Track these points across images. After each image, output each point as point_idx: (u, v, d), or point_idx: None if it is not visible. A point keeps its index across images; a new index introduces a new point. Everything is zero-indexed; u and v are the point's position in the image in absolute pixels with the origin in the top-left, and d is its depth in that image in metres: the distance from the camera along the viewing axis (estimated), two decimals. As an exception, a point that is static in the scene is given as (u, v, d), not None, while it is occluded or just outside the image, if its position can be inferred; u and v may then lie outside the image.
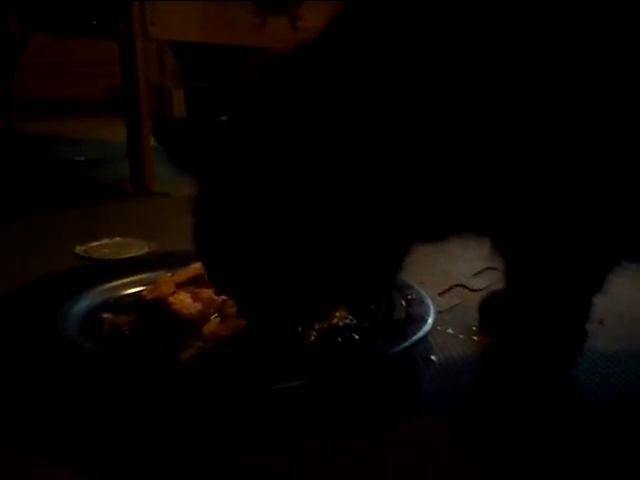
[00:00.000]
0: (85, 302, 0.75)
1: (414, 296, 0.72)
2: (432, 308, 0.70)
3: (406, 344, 0.62)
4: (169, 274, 0.77)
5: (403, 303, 0.71)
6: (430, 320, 0.67)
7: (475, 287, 0.86)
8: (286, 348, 0.62)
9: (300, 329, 0.65)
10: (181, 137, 0.59)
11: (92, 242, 1.07)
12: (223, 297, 0.73)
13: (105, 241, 1.09)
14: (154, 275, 0.81)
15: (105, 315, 0.73)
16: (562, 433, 0.57)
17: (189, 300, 0.70)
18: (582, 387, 0.63)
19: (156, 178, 1.52)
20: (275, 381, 0.57)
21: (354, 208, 0.57)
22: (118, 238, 1.10)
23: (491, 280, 0.84)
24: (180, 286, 0.71)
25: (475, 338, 0.73)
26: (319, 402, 0.58)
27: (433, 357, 0.68)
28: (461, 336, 0.73)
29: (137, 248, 1.04)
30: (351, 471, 0.51)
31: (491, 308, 0.75)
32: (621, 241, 0.60)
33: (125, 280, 0.81)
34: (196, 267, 0.73)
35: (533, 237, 0.60)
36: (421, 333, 0.64)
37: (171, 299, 0.69)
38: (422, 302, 0.71)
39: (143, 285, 0.79)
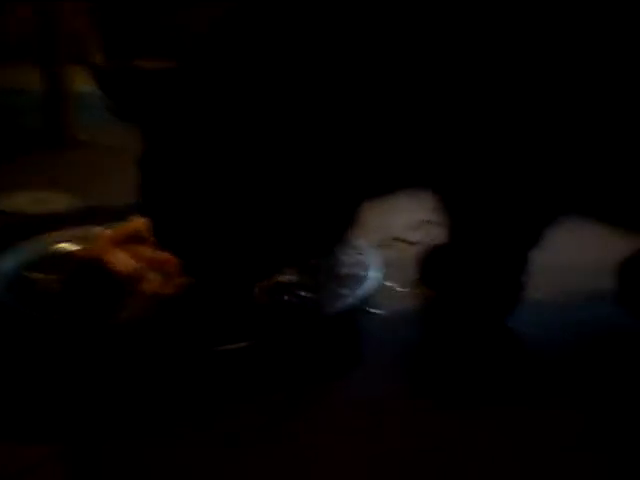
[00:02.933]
0: (9, 261, 0.71)
1: (359, 251, 0.72)
2: (378, 264, 0.70)
3: (353, 300, 0.61)
4: (101, 229, 0.73)
5: (348, 259, 0.70)
6: (376, 275, 0.67)
7: (413, 240, 0.87)
8: (232, 307, 0.61)
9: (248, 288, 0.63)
10: (126, 86, 0.56)
11: (7, 195, 1.01)
12: (164, 255, 0.70)
13: (21, 194, 1.02)
14: (81, 231, 0.77)
15: (34, 274, 0.69)
16: (502, 382, 0.59)
17: (127, 258, 0.67)
18: (520, 336, 0.65)
19: (75, 127, 1.44)
20: (221, 342, 0.56)
21: (304, 159, 0.55)
22: (36, 191, 1.03)
23: (427, 233, 0.85)
24: (118, 244, 0.67)
25: (416, 291, 0.74)
26: (264, 362, 0.57)
27: (377, 311, 0.68)
28: (402, 289, 0.74)
29: (57, 202, 0.98)
30: (293, 436, 0.51)
31: (431, 261, 0.76)
32: (558, 198, 0.62)
33: (50, 236, 0.77)
34: (134, 224, 0.69)
35: (476, 193, 0.60)
36: (367, 288, 0.64)
37: (108, 257, 0.66)
38: (367, 257, 0.71)
39: (70, 242, 0.75)
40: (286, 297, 0.64)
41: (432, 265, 0.76)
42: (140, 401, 0.53)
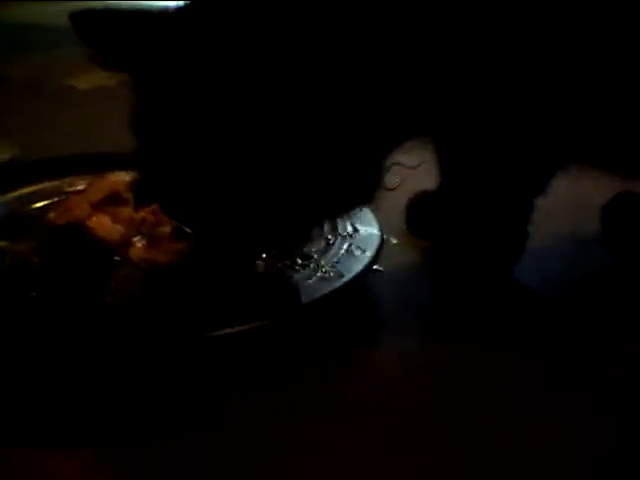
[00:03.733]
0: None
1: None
2: (370, 217, 0.67)
3: (369, 261, 0.58)
4: (68, 186, 0.66)
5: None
6: (378, 232, 0.64)
7: (390, 186, 0.83)
8: (240, 277, 0.56)
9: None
10: (110, 30, 0.48)
11: None
12: (142, 215, 0.64)
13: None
14: (41, 188, 0.69)
15: (0, 243, 0.61)
16: (514, 333, 0.58)
17: (109, 223, 0.60)
18: (526, 286, 0.65)
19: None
20: (232, 322, 0.50)
21: (322, 109, 0.50)
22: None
23: (403, 178, 0.82)
24: (96, 206, 0.61)
25: (409, 242, 0.71)
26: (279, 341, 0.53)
27: (379, 267, 0.65)
28: (394, 240, 0.71)
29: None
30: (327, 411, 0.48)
31: (421, 209, 0.73)
32: (569, 146, 0.60)
33: (10, 195, 0.69)
34: (110, 182, 0.63)
35: (482, 139, 0.58)
36: (374, 249, 0.60)
37: (89, 223, 0.59)
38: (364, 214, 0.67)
39: (32, 202, 0.68)
40: (297, 262, 0.59)
41: (422, 213, 0.73)
42: (146, 393, 0.49)
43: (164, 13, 0.50)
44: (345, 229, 0.63)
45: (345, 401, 0.49)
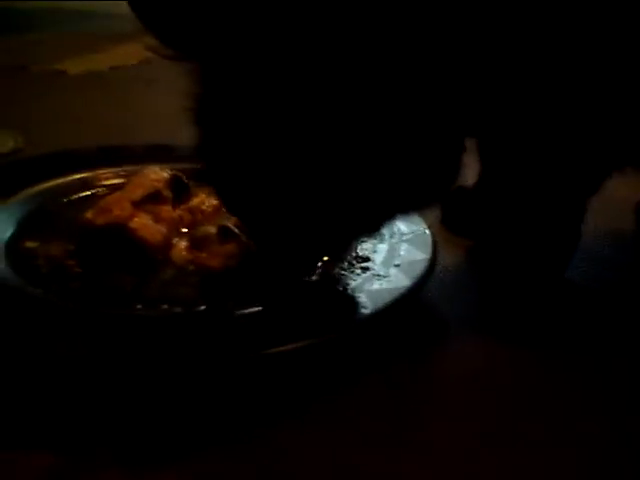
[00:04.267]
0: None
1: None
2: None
3: (428, 264, 0.55)
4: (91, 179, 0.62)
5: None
6: (426, 230, 0.61)
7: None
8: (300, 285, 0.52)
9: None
10: (179, 13, 0.44)
11: None
12: (179, 213, 0.61)
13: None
14: (68, 181, 0.65)
15: (30, 244, 0.57)
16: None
17: (152, 223, 0.56)
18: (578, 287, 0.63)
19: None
20: (298, 334, 0.47)
21: (396, 102, 0.47)
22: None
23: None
24: (137, 205, 0.57)
25: (447, 239, 0.68)
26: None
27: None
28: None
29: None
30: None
31: (457, 205, 0.71)
32: (628, 148, 0.59)
33: (25, 191, 0.64)
34: (150, 179, 0.59)
35: (537, 139, 0.56)
36: (430, 250, 0.58)
37: (132, 224, 0.55)
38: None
39: (60, 196, 0.63)
40: (355, 266, 0.56)
41: (460, 210, 0.71)
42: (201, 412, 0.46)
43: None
44: (394, 228, 0.61)
45: (409, 407, 0.47)
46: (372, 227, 0.53)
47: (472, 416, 0.47)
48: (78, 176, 0.66)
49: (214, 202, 0.61)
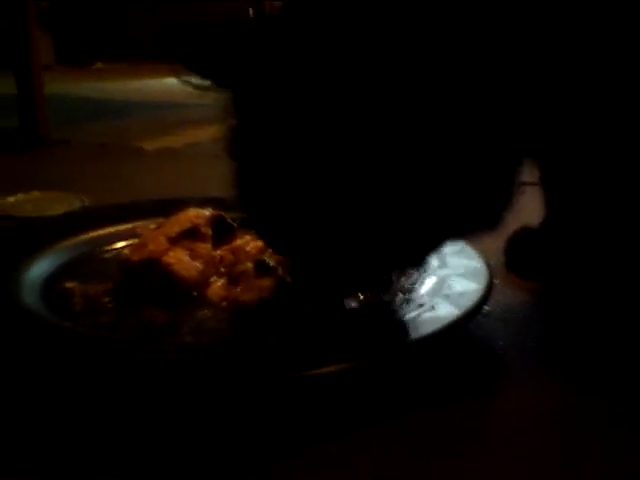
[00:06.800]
0: (36, 270, 0.58)
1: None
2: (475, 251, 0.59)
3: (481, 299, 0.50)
4: (144, 225, 0.61)
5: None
6: (482, 265, 0.57)
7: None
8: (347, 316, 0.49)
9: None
10: (208, 44, 0.44)
11: (5, 198, 0.87)
12: (220, 253, 0.59)
13: (21, 196, 0.89)
14: (115, 231, 0.65)
15: (69, 284, 0.56)
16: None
17: (187, 258, 0.54)
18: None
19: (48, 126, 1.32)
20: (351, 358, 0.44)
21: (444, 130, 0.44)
22: (37, 192, 0.90)
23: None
24: (173, 241, 0.55)
25: (511, 281, 0.63)
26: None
27: (486, 306, 0.57)
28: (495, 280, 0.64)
29: (67, 203, 0.85)
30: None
31: (522, 246, 0.66)
32: None
33: (73, 239, 0.64)
34: (188, 216, 0.57)
35: (608, 169, 0.51)
36: (485, 283, 0.53)
37: (167, 259, 0.53)
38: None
39: (106, 244, 0.63)
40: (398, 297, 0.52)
41: (525, 251, 0.65)
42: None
43: (263, 22, 0.45)
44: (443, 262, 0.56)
45: (465, 444, 0.42)
46: (417, 257, 0.49)
47: (527, 465, 0.41)
48: (129, 225, 0.66)
49: (259, 244, 0.58)
